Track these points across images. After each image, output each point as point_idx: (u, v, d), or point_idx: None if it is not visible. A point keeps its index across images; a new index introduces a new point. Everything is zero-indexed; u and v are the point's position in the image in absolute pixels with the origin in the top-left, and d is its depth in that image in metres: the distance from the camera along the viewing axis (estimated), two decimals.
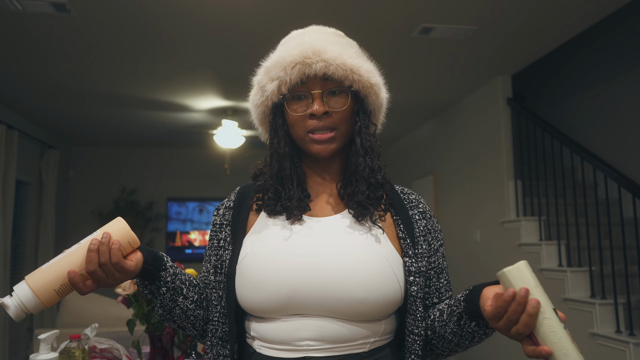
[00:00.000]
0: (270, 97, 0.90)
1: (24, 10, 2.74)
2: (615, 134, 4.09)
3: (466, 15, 2.90)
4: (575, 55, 4.51)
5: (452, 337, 0.85)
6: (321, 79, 0.87)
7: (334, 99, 0.88)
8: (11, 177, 4.46)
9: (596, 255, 3.39)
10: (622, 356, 2.73)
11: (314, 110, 0.86)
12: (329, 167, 0.95)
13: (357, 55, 0.91)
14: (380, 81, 0.93)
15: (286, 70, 0.86)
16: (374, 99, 0.93)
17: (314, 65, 0.85)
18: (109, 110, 4.82)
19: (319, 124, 0.86)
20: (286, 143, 0.92)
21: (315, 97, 0.86)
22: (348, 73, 0.86)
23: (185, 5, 2.74)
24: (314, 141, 0.88)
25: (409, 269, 0.86)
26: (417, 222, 0.93)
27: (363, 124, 0.91)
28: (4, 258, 4.32)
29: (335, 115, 0.87)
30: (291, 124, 0.90)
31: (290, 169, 0.91)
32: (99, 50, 3.35)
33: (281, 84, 0.88)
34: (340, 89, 0.88)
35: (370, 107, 0.93)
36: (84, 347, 1.26)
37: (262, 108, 0.93)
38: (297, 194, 0.90)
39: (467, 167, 4.51)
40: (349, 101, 0.88)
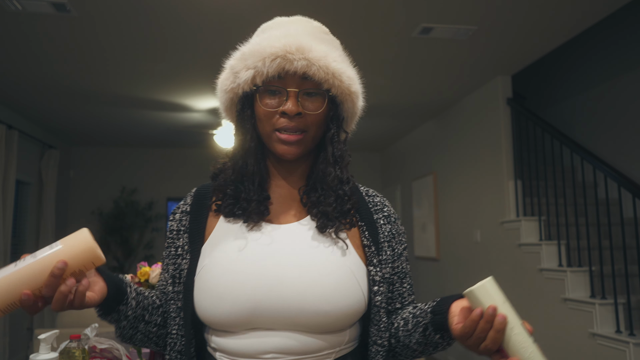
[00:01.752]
0: (242, 86, 0.84)
1: (24, 10, 2.74)
2: (615, 134, 4.09)
3: (466, 15, 2.90)
4: (575, 55, 4.51)
5: (417, 347, 0.84)
6: (300, 77, 0.82)
7: (309, 100, 0.83)
8: (11, 177, 4.46)
9: (596, 255, 3.39)
10: (622, 356, 2.73)
11: (287, 108, 0.81)
12: (293, 170, 0.91)
13: (342, 59, 0.87)
14: (359, 89, 0.89)
15: (265, 61, 0.80)
16: (349, 107, 0.88)
17: (295, 62, 0.80)
18: (109, 110, 4.82)
19: (289, 124, 0.82)
20: (252, 138, 0.86)
21: (291, 95, 0.81)
22: (329, 77, 0.82)
23: (185, 5, 2.74)
24: (281, 141, 0.83)
25: (373, 278, 0.84)
26: (382, 227, 0.90)
27: (336, 132, 0.87)
28: (4, 258, 4.32)
29: (308, 118, 0.83)
30: (259, 118, 0.85)
31: (254, 166, 0.87)
32: (99, 50, 3.35)
33: (256, 75, 0.82)
34: (318, 91, 0.83)
35: (344, 114, 0.89)
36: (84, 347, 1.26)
37: (230, 95, 0.88)
38: (256, 195, 0.86)
39: (467, 167, 4.51)
40: (325, 105, 0.84)
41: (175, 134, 5.74)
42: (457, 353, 4.65)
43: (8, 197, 4.41)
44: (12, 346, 4.59)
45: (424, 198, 5.43)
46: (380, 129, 5.71)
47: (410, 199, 5.82)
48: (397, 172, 6.42)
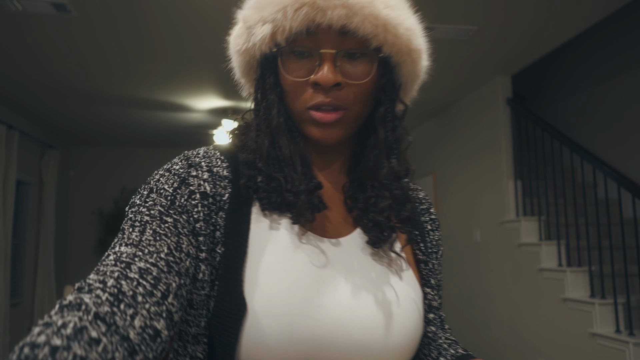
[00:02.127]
0: (259, 46, 0.62)
1: (24, 11, 2.74)
2: (615, 134, 4.09)
3: (466, 15, 2.90)
4: (575, 55, 4.51)
5: None
6: (337, 33, 0.59)
7: (351, 64, 0.60)
8: (11, 177, 4.46)
9: (596, 255, 3.39)
10: (622, 356, 2.74)
11: (321, 77, 0.58)
12: (334, 160, 0.69)
13: (397, 2, 0.62)
14: (423, 44, 0.66)
15: (286, 11, 0.58)
16: (409, 69, 0.65)
17: (329, 11, 0.56)
18: (109, 110, 4.82)
19: (324, 100, 0.60)
20: (280, 112, 0.64)
21: (326, 58, 0.59)
22: (379, 30, 0.58)
23: (186, 5, 2.74)
24: (314, 122, 0.61)
25: (430, 304, 0.68)
26: (430, 235, 0.73)
27: (389, 107, 0.65)
28: (5, 258, 4.32)
29: (350, 90, 0.60)
30: (286, 89, 0.63)
31: (290, 147, 0.63)
32: (99, 50, 3.35)
33: (276, 31, 0.59)
34: (364, 51, 0.60)
35: (402, 80, 0.66)
36: None
37: (246, 57, 0.66)
38: (304, 183, 0.61)
39: (467, 167, 4.51)
40: (374, 71, 0.61)
41: (175, 134, 5.74)
42: None
43: (8, 197, 4.41)
44: (13, 346, 4.59)
45: None
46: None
47: None
48: None
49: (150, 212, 0.56)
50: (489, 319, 4.15)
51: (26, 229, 5.11)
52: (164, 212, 0.56)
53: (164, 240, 0.53)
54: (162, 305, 0.48)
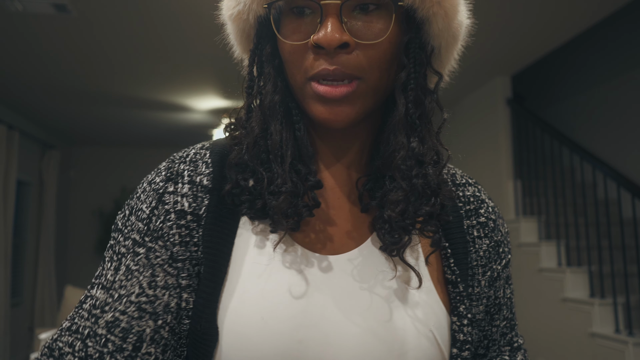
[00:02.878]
0: (250, 5, 0.50)
1: (25, 11, 2.75)
2: (614, 134, 4.09)
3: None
4: (575, 55, 4.52)
5: None
6: None
7: (364, 20, 0.47)
8: (12, 178, 4.46)
9: (595, 255, 3.39)
10: (621, 356, 2.74)
11: (323, 37, 0.45)
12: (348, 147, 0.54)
13: None
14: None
15: None
16: (441, 27, 0.52)
17: None
18: (109, 110, 4.82)
19: (328, 67, 0.46)
20: (276, 88, 0.52)
21: (329, 12, 0.46)
22: None
23: (186, 5, 2.75)
24: (318, 97, 0.48)
25: (455, 335, 0.53)
26: (476, 243, 0.57)
27: (414, 72, 0.51)
28: (5, 258, 4.32)
29: (362, 53, 0.47)
30: (284, 58, 0.51)
31: (282, 134, 0.51)
32: (100, 50, 3.35)
33: None
34: (379, 1, 0.47)
35: (433, 42, 0.53)
36: None
37: (239, 24, 0.53)
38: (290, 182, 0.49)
39: (467, 167, 4.50)
40: (392, 25, 0.47)
41: (175, 134, 5.74)
42: None
43: (9, 197, 4.42)
44: (13, 346, 4.59)
45: None
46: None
47: None
48: None
49: (126, 242, 0.51)
50: None
51: (26, 229, 5.12)
52: (138, 240, 0.50)
53: (136, 278, 0.48)
54: (134, 358, 0.45)
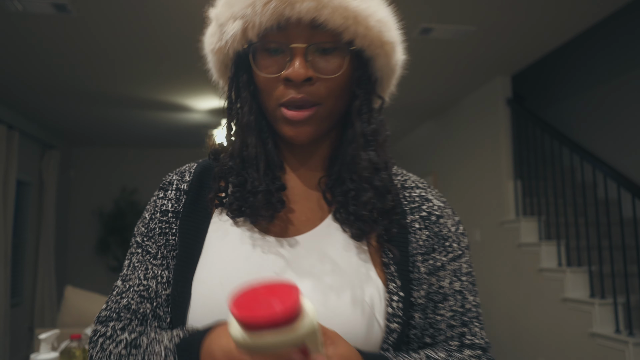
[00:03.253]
0: (231, 43, 0.62)
1: (25, 11, 2.75)
2: (614, 134, 4.09)
3: (466, 15, 2.91)
4: (575, 55, 4.52)
5: None
6: (308, 27, 0.58)
7: (323, 59, 0.60)
8: (12, 178, 4.46)
9: (595, 255, 3.39)
10: (621, 356, 2.74)
11: (291, 73, 0.58)
12: (310, 155, 0.68)
13: None
14: (396, 38, 0.67)
15: (255, 6, 0.58)
16: (383, 63, 0.65)
17: (298, 4, 0.56)
18: (109, 110, 4.82)
19: (296, 96, 0.60)
20: (252, 110, 0.65)
21: (296, 53, 0.59)
22: (350, 22, 0.58)
23: (185, 5, 2.75)
24: (286, 120, 0.61)
25: (386, 309, 0.62)
26: (416, 234, 0.68)
27: (365, 101, 0.64)
28: (5, 258, 4.32)
29: (322, 85, 0.60)
30: (259, 87, 0.63)
31: (256, 147, 0.65)
32: (99, 50, 3.35)
33: (247, 27, 0.60)
34: (335, 45, 0.60)
35: (377, 74, 0.66)
36: (85, 347, 1.27)
37: (219, 56, 0.67)
38: (263, 185, 0.63)
39: (467, 167, 4.52)
40: (346, 65, 0.61)
41: (175, 134, 5.74)
42: None
43: (9, 197, 4.41)
44: (13, 346, 4.59)
45: None
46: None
47: None
48: None
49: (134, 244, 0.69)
50: (489, 319, 4.15)
51: (26, 229, 5.12)
52: (139, 242, 0.68)
53: (137, 272, 0.66)
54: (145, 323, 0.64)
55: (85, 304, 3.14)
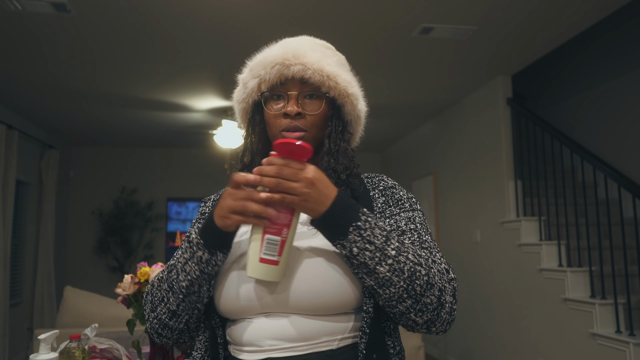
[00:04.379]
0: (251, 94, 0.95)
1: (24, 10, 2.74)
2: (615, 134, 4.09)
3: (466, 15, 2.90)
4: (575, 55, 4.51)
5: (365, 281, 0.79)
6: (299, 82, 0.90)
7: (309, 102, 0.91)
8: (11, 177, 4.46)
9: (596, 255, 3.39)
10: (622, 356, 2.73)
11: (288, 110, 0.89)
12: None
13: (337, 64, 0.94)
14: (358, 93, 0.96)
15: (266, 69, 0.91)
16: (350, 109, 0.95)
17: (292, 67, 0.89)
18: (109, 110, 4.82)
19: (290, 124, 0.90)
20: (260, 140, 0.96)
21: (291, 97, 0.90)
22: (325, 79, 0.89)
23: (186, 5, 2.74)
24: None
25: None
26: (376, 201, 0.95)
27: (335, 129, 0.94)
28: (4, 258, 4.32)
29: (309, 118, 0.91)
30: (268, 122, 0.94)
31: None
32: (99, 50, 3.35)
33: (261, 82, 0.92)
34: (317, 93, 0.91)
35: (347, 117, 0.96)
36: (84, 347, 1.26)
37: (243, 105, 0.98)
38: None
39: (467, 167, 4.51)
40: (323, 106, 0.92)
41: (175, 134, 5.74)
42: (457, 353, 4.65)
43: (8, 197, 4.41)
44: (12, 346, 4.59)
45: (424, 198, 5.43)
46: (380, 129, 5.70)
47: None
48: (397, 172, 6.42)
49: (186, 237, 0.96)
50: (489, 318, 4.15)
51: (26, 229, 5.11)
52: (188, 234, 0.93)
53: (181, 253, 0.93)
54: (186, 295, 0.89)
55: (85, 304, 3.13)
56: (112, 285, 5.92)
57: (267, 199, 0.74)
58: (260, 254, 0.74)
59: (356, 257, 0.77)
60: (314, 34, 1.02)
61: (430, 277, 0.79)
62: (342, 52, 1.00)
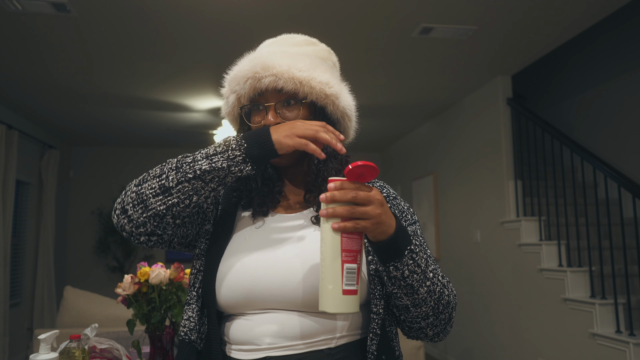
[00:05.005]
0: (231, 109, 0.96)
1: (24, 10, 2.74)
2: (615, 134, 4.09)
3: (466, 15, 2.90)
4: (575, 55, 4.51)
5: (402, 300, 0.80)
6: (275, 91, 0.89)
7: (288, 109, 0.90)
8: (11, 177, 4.46)
9: (596, 255, 3.39)
10: (622, 356, 2.73)
11: (266, 121, 0.89)
12: (296, 173, 0.98)
13: (311, 66, 0.91)
14: (338, 91, 0.92)
15: (240, 84, 0.91)
16: (333, 109, 0.93)
17: (263, 79, 0.88)
18: (109, 110, 4.82)
19: None
20: None
21: (269, 109, 0.90)
22: (298, 86, 0.88)
23: (185, 5, 2.74)
24: None
25: (367, 249, 0.88)
26: None
27: None
28: (4, 258, 4.32)
29: None
30: None
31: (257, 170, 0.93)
32: (99, 50, 3.35)
33: (239, 96, 0.93)
34: (294, 100, 0.90)
35: (332, 117, 0.94)
36: (84, 347, 1.26)
37: (230, 117, 0.99)
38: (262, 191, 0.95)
39: (467, 167, 4.51)
40: (302, 112, 0.90)
41: (175, 134, 5.74)
42: (457, 353, 4.65)
43: (8, 197, 4.41)
44: (12, 346, 4.59)
45: (424, 198, 5.43)
46: (380, 129, 5.71)
47: (411, 199, 5.82)
48: (397, 172, 6.42)
49: None
50: (489, 319, 4.15)
51: (26, 229, 5.11)
52: None
53: None
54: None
55: (85, 304, 3.13)
56: (112, 285, 5.92)
57: (340, 229, 0.70)
58: (342, 285, 0.70)
59: (405, 279, 0.77)
60: (313, 34, 1.02)
61: (449, 295, 0.84)
62: (341, 52, 1.00)
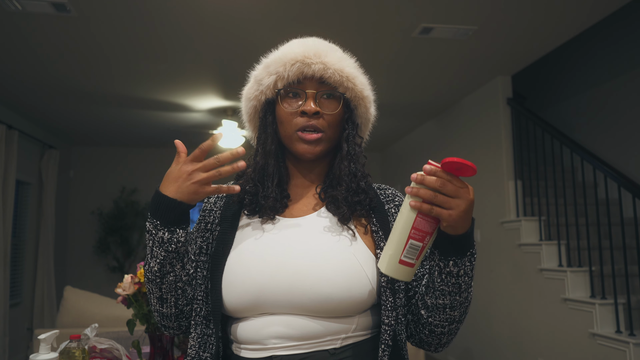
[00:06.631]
0: (265, 92, 0.92)
1: (24, 10, 2.74)
2: (615, 134, 4.09)
3: (466, 15, 2.90)
4: (575, 55, 4.51)
5: (443, 299, 0.82)
6: (317, 81, 0.89)
7: (326, 101, 0.90)
8: (11, 177, 4.46)
9: (596, 255, 3.39)
10: (622, 356, 2.73)
11: (306, 108, 0.87)
12: (312, 169, 0.97)
13: (355, 67, 0.94)
14: (371, 96, 0.96)
15: (285, 66, 0.89)
16: (363, 112, 0.95)
17: (313, 65, 0.87)
18: (109, 110, 4.82)
19: (308, 122, 0.88)
20: (273, 140, 0.93)
21: (309, 96, 0.88)
22: (344, 80, 0.89)
23: (186, 5, 2.74)
24: (302, 140, 0.89)
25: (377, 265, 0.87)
26: (393, 215, 0.95)
27: (351, 132, 0.93)
28: (4, 258, 4.32)
29: (326, 118, 0.90)
30: (281, 121, 0.92)
31: (274, 167, 0.93)
32: (99, 50, 3.35)
33: (278, 79, 0.90)
34: (334, 93, 0.90)
35: (358, 120, 0.95)
36: (84, 347, 1.26)
37: (254, 102, 0.96)
38: (274, 193, 0.91)
39: None
40: (340, 107, 0.91)
41: (175, 134, 5.74)
42: (457, 353, 4.65)
43: (8, 197, 4.41)
44: (12, 346, 4.59)
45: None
46: (380, 129, 5.67)
47: None
48: (397, 172, 6.42)
49: None
50: (489, 319, 4.15)
51: (26, 229, 5.11)
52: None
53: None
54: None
55: (85, 304, 3.13)
56: (112, 285, 5.92)
57: (415, 207, 0.73)
58: (401, 255, 0.76)
59: (457, 278, 0.80)
60: (314, 34, 1.02)
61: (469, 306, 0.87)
62: None
